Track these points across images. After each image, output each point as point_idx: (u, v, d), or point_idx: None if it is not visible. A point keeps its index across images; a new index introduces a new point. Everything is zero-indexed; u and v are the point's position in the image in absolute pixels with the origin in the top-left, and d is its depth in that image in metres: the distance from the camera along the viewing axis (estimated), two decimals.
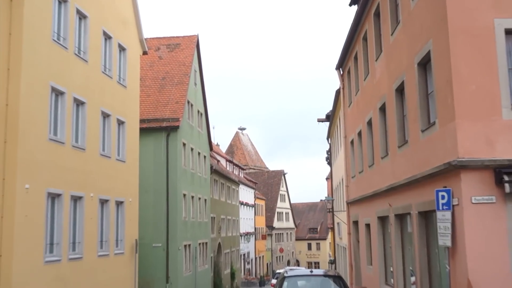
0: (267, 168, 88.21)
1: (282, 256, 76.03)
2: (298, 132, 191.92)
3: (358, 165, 19.64)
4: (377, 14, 15.73)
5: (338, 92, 24.63)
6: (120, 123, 22.03)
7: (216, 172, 39.96)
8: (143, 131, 27.83)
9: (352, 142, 21.19)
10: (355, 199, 20.33)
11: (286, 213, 79.07)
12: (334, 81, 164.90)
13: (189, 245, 31.09)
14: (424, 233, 11.84)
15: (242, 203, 53.68)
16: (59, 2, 17.44)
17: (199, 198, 33.82)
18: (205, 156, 35.88)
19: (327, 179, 55.79)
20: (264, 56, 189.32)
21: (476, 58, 9.47)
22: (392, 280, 14.81)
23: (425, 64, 11.29)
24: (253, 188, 61.20)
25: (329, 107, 37.95)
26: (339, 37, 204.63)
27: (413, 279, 12.77)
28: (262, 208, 68.03)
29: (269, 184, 75.86)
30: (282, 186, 77.43)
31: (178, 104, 30.63)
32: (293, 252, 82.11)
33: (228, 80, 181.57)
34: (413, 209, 12.19)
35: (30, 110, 15.29)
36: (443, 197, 9.79)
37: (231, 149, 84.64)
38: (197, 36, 35.03)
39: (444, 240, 9.83)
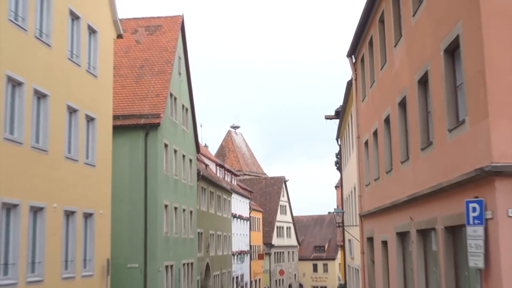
0: (265, 174, 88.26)
1: (283, 279, 76.10)
2: (302, 132, 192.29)
3: (373, 171, 19.66)
4: None
5: (349, 84, 24.67)
6: (90, 119, 22.01)
7: (204, 178, 39.96)
8: (117, 129, 27.80)
9: (366, 143, 21.21)
10: (369, 211, 20.35)
11: (287, 228, 79.13)
12: (345, 71, 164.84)
13: (172, 266, 31.07)
14: (452, 252, 11.85)
15: (235, 216, 53.67)
16: None
17: (184, 210, 33.81)
18: (191, 160, 35.88)
19: (336, 187, 55.80)
20: (262, 42, 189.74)
21: None
22: None
23: (453, 51, 11.31)
24: (248, 198, 61.20)
25: (339, 102, 38.03)
26: (351, 19, 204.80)
27: None
28: (258, 222, 68.02)
29: (267, 193, 75.90)
30: (283, 196, 77.47)
31: (159, 97, 30.62)
32: (295, 274, 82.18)
33: (219, 70, 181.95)
34: (438, 224, 12.20)
35: None
36: (474, 209, 9.79)
37: (222, 152, 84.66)
38: (182, 16, 35.04)
39: (476, 260, 9.83)
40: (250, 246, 61.63)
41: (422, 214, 13.50)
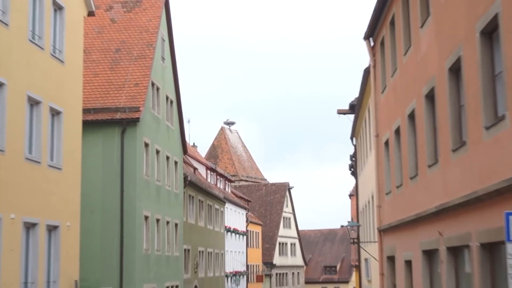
0: (265, 179, 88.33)
1: None
2: (310, 129, 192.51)
3: (395, 177, 19.68)
4: None
5: (367, 72, 24.70)
6: (55, 113, 22.00)
7: (192, 184, 39.96)
8: (88, 125, 27.79)
9: (386, 143, 21.24)
10: (390, 225, 20.37)
11: (292, 244, 79.19)
12: (361, 57, 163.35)
13: None
14: (489, 273, 11.86)
15: (229, 230, 53.68)
16: None
17: (168, 222, 33.83)
18: (176, 162, 35.90)
19: (350, 196, 55.88)
20: (261, 20, 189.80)
21: None
22: None
23: (490, 32, 11.31)
24: (245, 209, 61.22)
25: (354, 94, 38.07)
26: None
27: None
28: (257, 237, 68.04)
29: (268, 202, 75.95)
30: (287, 206, 77.52)
31: (138, 87, 30.63)
32: None
33: (210, 54, 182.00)
34: (473, 240, 12.21)
35: None
36: None
37: (214, 152, 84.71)
38: None
39: None
40: (247, 266, 61.63)
41: (453, 229, 13.50)
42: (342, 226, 50.08)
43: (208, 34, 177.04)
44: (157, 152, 32.41)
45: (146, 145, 30.74)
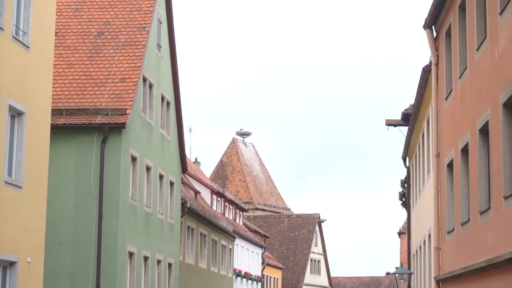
0: (289, 209, 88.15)
1: None
2: (349, 144, 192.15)
3: (460, 210, 19.58)
4: None
5: (426, 72, 24.61)
6: (16, 114, 22.07)
7: (192, 213, 39.90)
8: (59, 131, 27.82)
9: (450, 165, 21.14)
10: (452, 273, 20.25)
11: None
12: (420, 51, 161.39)
13: None
14: None
15: (239, 274, 53.50)
16: None
17: (159, 262, 33.76)
18: (172, 183, 35.86)
19: (400, 234, 55.63)
20: (286, 3, 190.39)
21: None
22: None
23: None
24: (261, 247, 61.02)
25: (409, 99, 37.91)
26: None
27: None
28: (276, 285, 67.76)
29: (291, 239, 75.73)
30: (316, 245, 77.25)
31: (125, 83, 30.63)
32: None
33: (220, 43, 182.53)
34: None
35: None
36: None
37: (222, 172, 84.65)
38: None
39: None
40: None
41: None
42: (388, 274, 49.78)
43: (218, 18, 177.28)
44: (148, 168, 32.40)
45: (134, 159, 30.73)
